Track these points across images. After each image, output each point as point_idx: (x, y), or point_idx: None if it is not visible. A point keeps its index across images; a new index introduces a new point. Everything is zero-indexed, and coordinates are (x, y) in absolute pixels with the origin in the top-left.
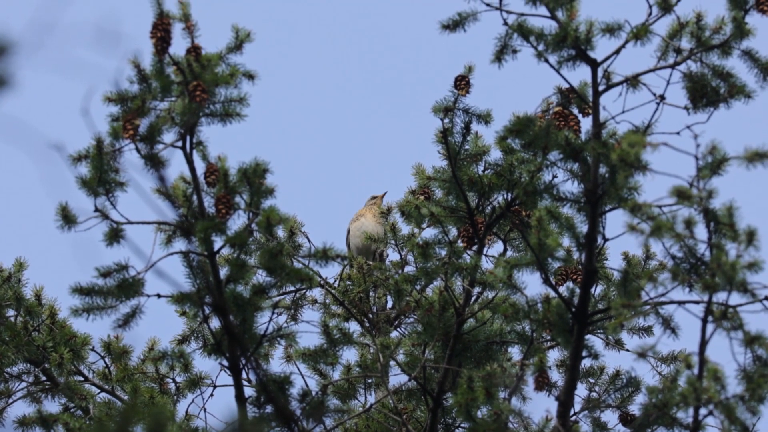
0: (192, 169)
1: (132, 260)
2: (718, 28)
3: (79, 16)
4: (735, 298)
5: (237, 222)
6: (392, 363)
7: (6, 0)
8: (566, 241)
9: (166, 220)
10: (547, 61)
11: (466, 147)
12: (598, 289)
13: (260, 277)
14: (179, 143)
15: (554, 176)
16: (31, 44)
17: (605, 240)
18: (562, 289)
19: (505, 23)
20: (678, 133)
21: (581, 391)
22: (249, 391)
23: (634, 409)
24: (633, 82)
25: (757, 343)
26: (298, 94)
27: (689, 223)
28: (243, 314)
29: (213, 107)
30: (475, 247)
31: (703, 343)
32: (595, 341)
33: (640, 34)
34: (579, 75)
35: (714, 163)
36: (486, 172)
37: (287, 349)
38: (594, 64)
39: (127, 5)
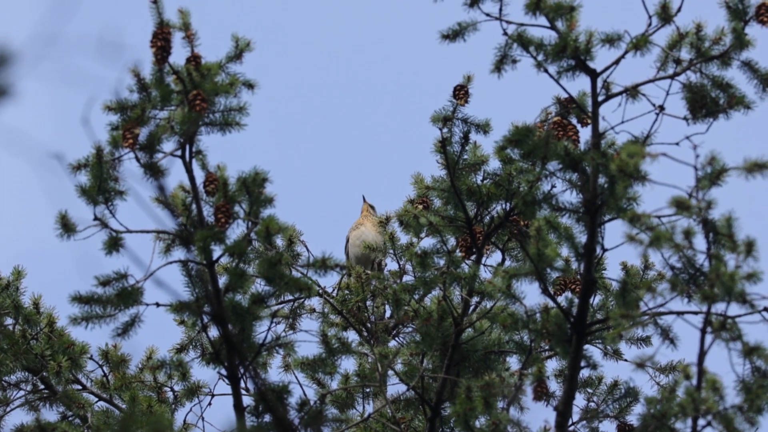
0: (191, 178)
1: (131, 269)
2: (717, 38)
3: (80, 26)
4: (734, 309)
5: (236, 231)
6: (390, 372)
7: (8, 10)
8: (565, 251)
9: (166, 229)
10: (546, 71)
11: (465, 157)
12: (596, 299)
13: (259, 286)
14: (179, 152)
15: (553, 186)
16: (32, 54)
17: (604, 250)
18: (560, 299)
19: (505, 33)
20: (677, 144)
21: (579, 401)
22: (247, 401)
23: (633, 419)
24: (632, 92)
25: (755, 353)
26: (297, 104)
27: (688, 234)
28: (241, 323)
29: (212, 116)
30: (473, 257)
31: (702, 354)
32: (593, 351)
33: (640, 44)
34: (578, 85)
35: (713, 174)
36: (485, 181)
37: (285, 358)
38: (593, 75)
39: (128, 14)
